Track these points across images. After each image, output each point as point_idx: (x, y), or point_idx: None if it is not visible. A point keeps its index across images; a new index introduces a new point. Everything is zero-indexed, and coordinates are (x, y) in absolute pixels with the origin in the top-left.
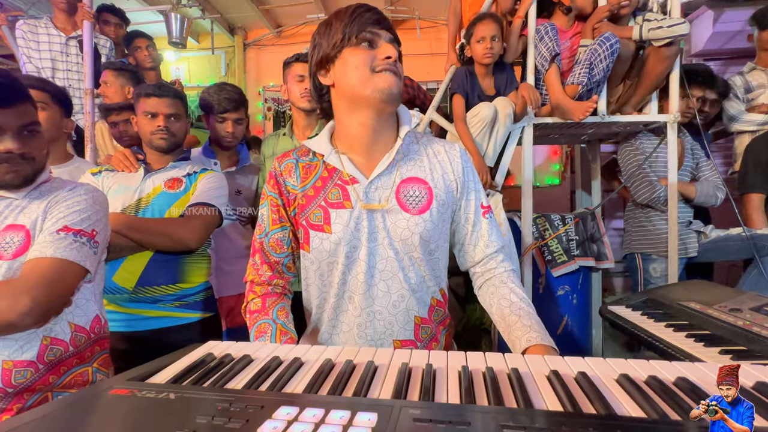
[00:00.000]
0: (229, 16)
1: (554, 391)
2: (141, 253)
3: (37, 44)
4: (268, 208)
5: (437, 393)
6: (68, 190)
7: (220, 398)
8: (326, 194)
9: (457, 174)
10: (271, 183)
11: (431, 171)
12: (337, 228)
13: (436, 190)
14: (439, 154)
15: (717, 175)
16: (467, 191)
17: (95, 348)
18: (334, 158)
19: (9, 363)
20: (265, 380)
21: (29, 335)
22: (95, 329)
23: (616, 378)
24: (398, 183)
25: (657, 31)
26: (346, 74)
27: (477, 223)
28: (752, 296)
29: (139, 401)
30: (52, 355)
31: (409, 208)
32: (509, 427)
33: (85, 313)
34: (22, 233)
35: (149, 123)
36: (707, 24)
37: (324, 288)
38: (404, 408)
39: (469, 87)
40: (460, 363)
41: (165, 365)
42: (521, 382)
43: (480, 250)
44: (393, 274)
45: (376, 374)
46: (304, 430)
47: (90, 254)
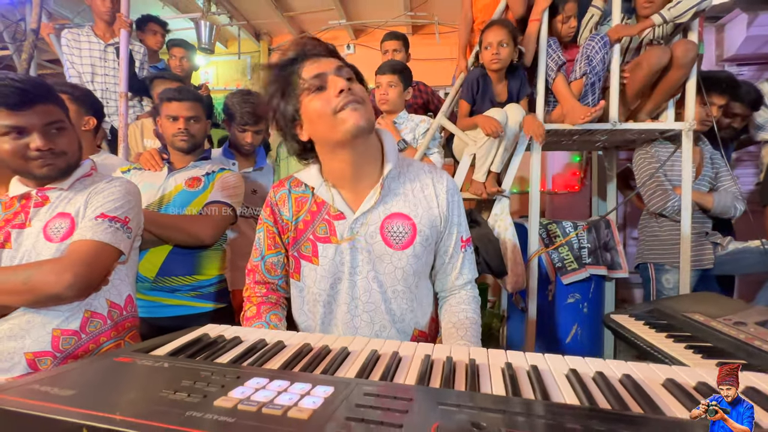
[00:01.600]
0: (255, 22)
1: (503, 378)
2: (162, 246)
3: (79, 51)
4: (264, 234)
5: (397, 376)
6: (106, 182)
7: (206, 369)
8: (315, 228)
9: (441, 209)
10: (267, 211)
11: (416, 206)
12: (323, 261)
13: (420, 225)
14: (426, 188)
15: (737, 186)
16: (450, 225)
17: (126, 324)
18: (324, 191)
19: (57, 331)
20: (248, 358)
21: (73, 308)
22: (127, 308)
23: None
24: (383, 219)
25: (678, 6)
26: (312, 124)
27: (454, 255)
28: (760, 310)
29: (137, 368)
30: (92, 326)
31: (393, 244)
32: (445, 404)
33: (120, 292)
34: (68, 220)
35: (171, 125)
36: (741, 27)
37: (310, 315)
38: (360, 385)
39: (481, 91)
40: (425, 352)
41: (167, 341)
42: (475, 370)
43: (451, 281)
44: (376, 306)
45: (347, 358)
46: (267, 395)
47: (124, 238)
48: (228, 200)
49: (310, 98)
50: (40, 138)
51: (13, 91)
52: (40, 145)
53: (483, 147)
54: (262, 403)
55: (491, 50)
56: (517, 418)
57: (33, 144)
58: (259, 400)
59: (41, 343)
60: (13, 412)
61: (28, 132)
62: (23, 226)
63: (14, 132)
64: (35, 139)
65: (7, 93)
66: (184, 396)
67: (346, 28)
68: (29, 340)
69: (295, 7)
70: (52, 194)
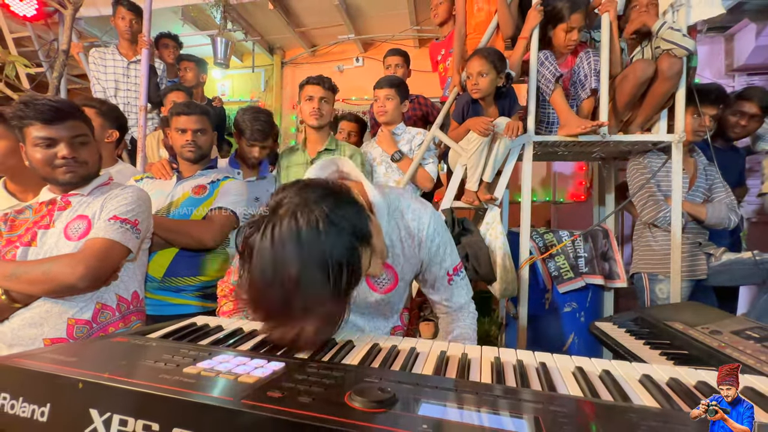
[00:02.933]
0: (269, 37)
1: (435, 362)
2: (169, 248)
3: (104, 68)
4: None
5: (346, 359)
6: (120, 189)
7: (186, 348)
8: None
9: (422, 256)
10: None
11: (397, 257)
12: None
13: (402, 273)
14: (408, 238)
15: (731, 197)
16: (431, 266)
17: (132, 317)
18: None
19: (72, 320)
20: (225, 342)
21: (86, 300)
22: (134, 302)
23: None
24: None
25: (674, 33)
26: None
27: (440, 288)
28: (739, 320)
29: (129, 345)
30: (103, 317)
31: (377, 288)
32: (369, 379)
33: (127, 288)
34: (86, 221)
35: (180, 137)
36: (750, 37)
37: None
38: (309, 364)
39: (471, 116)
40: (375, 341)
41: (161, 328)
42: (412, 355)
43: (441, 304)
44: (358, 327)
45: None
46: (228, 366)
47: (132, 238)
48: (231, 206)
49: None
50: (66, 148)
51: (49, 109)
52: (65, 154)
53: (473, 156)
54: (220, 371)
55: (471, 80)
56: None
57: (60, 153)
58: (219, 369)
59: (58, 330)
60: (30, 371)
61: (57, 143)
62: (48, 227)
63: (46, 142)
64: (62, 149)
65: (44, 110)
66: (161, 365)
67: (355, 41)
68: (47, 327)
69: (306, 23)
70: (74, 199)
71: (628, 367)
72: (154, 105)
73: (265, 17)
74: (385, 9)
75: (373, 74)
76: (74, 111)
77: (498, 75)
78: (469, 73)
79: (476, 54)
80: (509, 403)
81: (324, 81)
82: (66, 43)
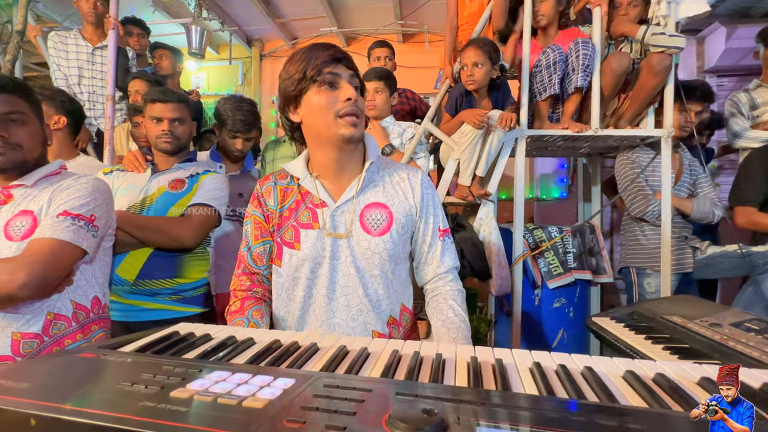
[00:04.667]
0: (247, 28)
1: (467, 371)
2: (143, 248)
3: (66, 53)
4: (252, 225)
5: (363, 370)
6: (72, 180)
7: (169, 364)
8: (298, 216)
9: (416, 200)
10: (255, 203)
11: (392, 196)
12: (305, 246)
13: (396, 214)
14: (402, 181)
15: (715, 192)
16: (426, 215)
17: (93, 326)
18: (309, 182)
19: (17, 335)
20: (216, 354)
21: (34, 310)
22: (94, 309)
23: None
24: (362, 208)
25: (659, 37)
26: (311, 115)
27: (433, 244)
28: (735, 312)
29: (99, 362)
30: (56, 329)
31: (371, 230)
32: (403, 394)
33: (85, 293)
34: (29, 218)
35: (155, 127)
36: (720, 40)
37: (289, 301)
38: (322, 378)
39: (465, 107)
40: (394, 347)
41: (135, 339)
42: (442, 365)
43: (432, 270)
44: (353, 289)
45: (315, 354)
46: (226, 387)
47: (88, 237)
48: (211, 202)
49: (319, 91)
50: None
51: None
52: None
53: (467, 150)
54: (218, 394)
55: (466, 71)
56: (473, 407)
57: None
58: (216, 391)
59: (0, 347)
60: None
61: None
62: None
63: None
64: None
65: None
66: (141, 388)
67: (338, 35)
68: None
69: (286, 13)
70: (16, 192)
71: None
72: (123, 93)
73: (243, 7)
74: (369, 2)
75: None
76: (8, 83)
77: (493, 66)
78: (464, 64)
79: (471, 44)
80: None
81: None
82: (21, 24)
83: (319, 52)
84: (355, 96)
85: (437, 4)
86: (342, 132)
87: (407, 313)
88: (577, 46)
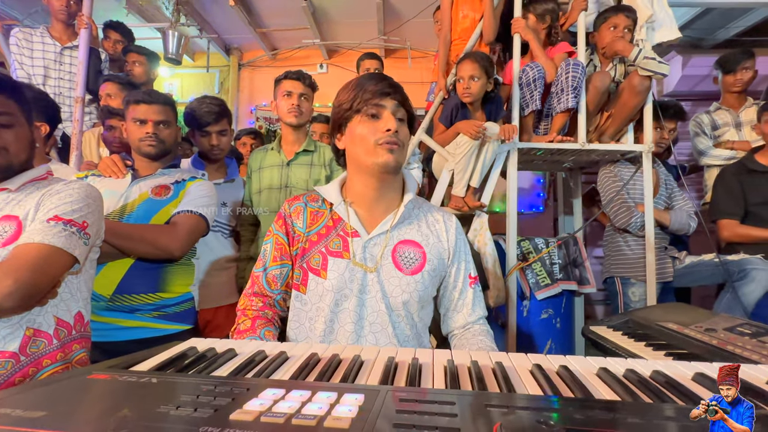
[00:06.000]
0: (226, 36)
1: (535, 380)
2: (122, 259)
3: (30, 52)
4: (272, 245)
5: (423, 380)
6: (63, 184)
7: (205, 382)
8: (328, 242)
9: (450, 243)
10: (279, 223)
11: (427, 236)
12: (332, 275)
13: (430, 255)
14: (437, 222)
15: (690, 205)
16: (458, 260)
17: (74, 345)
18: (342, 209)
19: None
20: (250, 370)
21: (13, 325)
22: (77, 326)
23: (596, 372)
24: (396, 243)
25: (650, 62)
26: (353, 143)
27: (464, 291)
28: (725, 318)
29: (120, 384)
30: (35, 347)
31: (403, 268)
32: (492, 405)
33: (69, 308)
34: (14, 223)
35: (138, 129)
36: (677, 67)
37: (310, 333)
38: (391, 391)
39: (460, 119)
40: (446, 357)
41: (146, 357)
42: (505, 373)
43: (462, 317)
44: (383, 327)
45: (362, 367)
46: (291, 405)
47: (80, 244)
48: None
49: (362, 121)
50: None
51: None
52: None
53: (461, 161)
54: (288, 414)
55: (463, 84)
56: (573, 416)
57: None
58: (283, 411)
59: None
60: None
61: None
62: None
63: None
64: None
65: None
66: (189, 411)
67: (320, 47)
68: None
69: (269, 24)
70: None
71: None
72: (94, 96)
73: (223, 15)
74: (353, 16)
75: (338, 82)
76: None
77: (488, 80)
78: (460, 77)
79: (468, 58)
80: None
81: (304, 77)
82: None
83: (370, 85)
84: (396, 126)
85: (420, 21)
86: (379, 160)
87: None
88: (568, 67)
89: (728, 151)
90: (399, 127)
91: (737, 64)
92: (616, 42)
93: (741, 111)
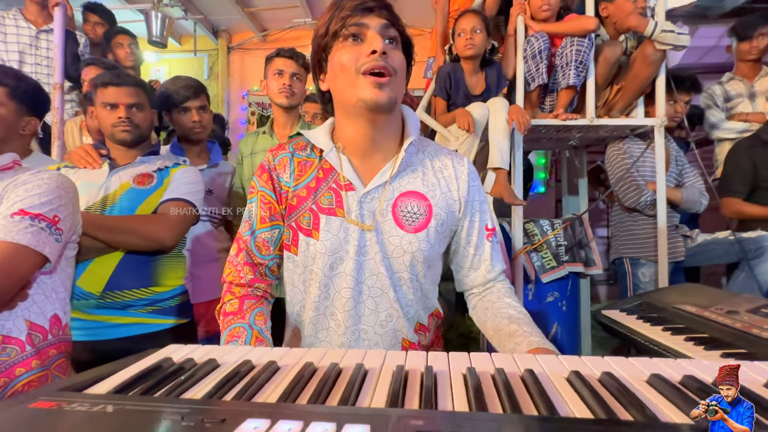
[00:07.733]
0: (213, 18)
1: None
2: (110, 254)
3: (4, 36)
4: (257, 204)
5: (440, 399)
6: (30, 174)
7: (171, 410)
8: (318, 197)
9: (461, 192)
10: (264, 177)
11: (434, 186)
12: (324, 236)
13: (437, 208)
14: (446, 168)
15: (701, 182)
16: (471, 212)
17: (52, 351)
18: (334, 156)
19: None
20: (232, 388)
21: None
22: (53, 330)
23: (646, 379)
24: (396, 196)
25: (668, 35)
26: (334, 77)
27: (480, 246)
28: (747, 298)
29: (63, 417)
30: (5, 355)
31: (405, 225)
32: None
33: (43, 311)
34: None
35: (109, 114)
36: None
37: (305, 296)
38: (404, 418)
39: (454, 86)
40: (465, 364)
41: (112, 372)
42: (540, 386)
43: (481, 275)
44: (382, 291)
45: (366, 379)
46: None
47: (50, 241)
48: (188, 197)
49: (342, 46)
50: None
51: None
52: None
53: (465, 143)
54: None
55: (465, 36)
56: None
57: None
58: None
59: None
60: None
61: None
62: None
63: None
64: None
65: None
66: None
67: (312, 27)
68: None
69: (257, 3)
70: None
71: None
72: (73, 83)
73: None
74: None
75: None
76: None
77: (487, 37)
78: (462, 30)
79: (468, 12)
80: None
81: (297, 56)
82: None
83: (347, 1)
84: (383, 47)
85: None
86: (363, 96)
87: (437, 317)
88: (573, 40)
89: (741, 123)
90: (388, 49)
91: (755, 30)
92: (629, 17)
93: (756, 81)
